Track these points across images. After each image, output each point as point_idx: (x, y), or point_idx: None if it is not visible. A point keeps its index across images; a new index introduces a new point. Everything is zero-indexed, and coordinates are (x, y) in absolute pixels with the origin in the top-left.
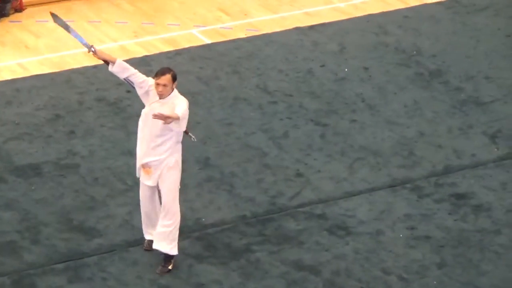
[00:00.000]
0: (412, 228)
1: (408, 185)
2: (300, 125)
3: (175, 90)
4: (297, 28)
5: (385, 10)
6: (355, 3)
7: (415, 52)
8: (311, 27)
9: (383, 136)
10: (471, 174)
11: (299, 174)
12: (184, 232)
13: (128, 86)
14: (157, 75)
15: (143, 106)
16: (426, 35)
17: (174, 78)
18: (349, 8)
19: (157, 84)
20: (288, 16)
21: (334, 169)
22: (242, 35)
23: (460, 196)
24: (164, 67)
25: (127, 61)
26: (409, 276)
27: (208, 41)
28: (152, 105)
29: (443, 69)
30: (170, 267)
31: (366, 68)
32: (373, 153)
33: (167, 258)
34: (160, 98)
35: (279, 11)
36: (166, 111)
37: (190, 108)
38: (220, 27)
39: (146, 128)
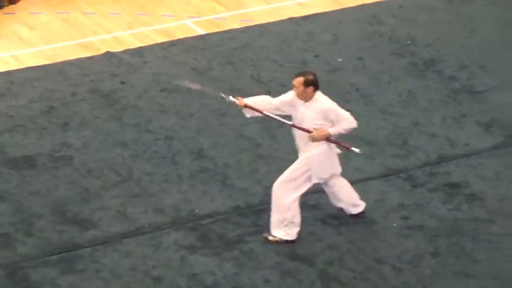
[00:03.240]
0: (406, 218)
1: (402, 175)
2: None
3: (320, 95)
4: (291, 19)
5: (379, 0)
6: None
7: (409, 41)
8: (305, 17)
9: (377, 126)
10: (465, 163)
11: None
12: (178, 223)
13: (122, 78)
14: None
15: (137, 97)
16: (421, 24)
17: (306, 83)
18: None
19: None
20: (282, 7)
21: None
22: (236, 25)
23: (453, 185)
24: (305, 70)
25: (121, 52)
26: (402, 265)
27: (202, 32)
28: (300, 108)
29: (437, 59)
30: None
31: (360, 58)
32: (367, 142)
33: None
34: (303, 101)
35: (273, 1)
36: (310, 115)
37: (184, 98)
38: (215, 18)
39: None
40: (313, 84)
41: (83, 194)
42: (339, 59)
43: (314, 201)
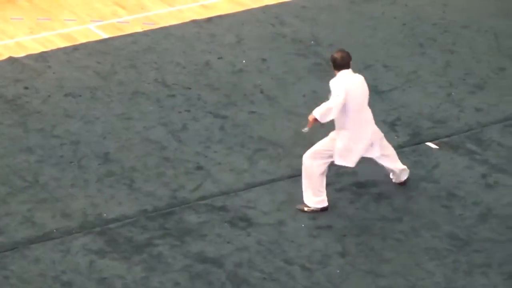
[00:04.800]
0: (314, 218)
1: None
2: (199, 117)
3: (340, 74)
4: (194, 21)
5: (281, 0)
6: None
7: (312, 42)
8: (208, 20)
9: (282, 127)
10: (372, 163)
11: (199, 167)
12: (86, 228)
13: (25, 83)
14: None
15: (41, 102)
16: (323, 24)
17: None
18: None
19: None
20: (185, 9)
21: (234, 161)
22: (139, 29)
23: (361, 185)
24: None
25: (24, 57)
26: (312, 265)
27: (105, 35)
28: None
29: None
30: None
31: (264, 59)
32: (273, 144)
33: None
34: None
35: (175, 4)
36: None
37: (89, 103)
38: (117, 22)
39: None
40: (332, 63)
41: None
42: (243, 61)
43: (222, 203)
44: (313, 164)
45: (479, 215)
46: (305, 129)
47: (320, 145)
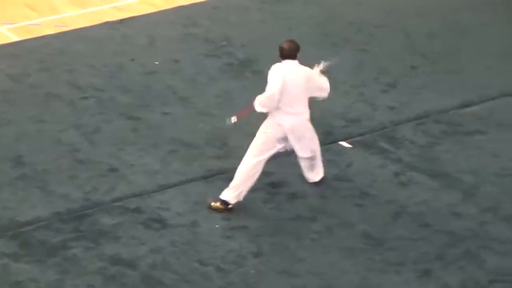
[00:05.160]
0: (228, 219)
1: (222, 176)
2: (112, 119)
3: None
4: (106, 23)
5: (193, 1)
6: None
7: (224, 42)
8: (121, 21)
9: (195, 128)
10: (286, 162)
11: (112, 169)
12: None
13: None
14: None
15: None
16: (235, 25)
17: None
18: (158, 0)
19: None
20: (97, 11)
21: (147, 162)
22: (51, 31)
23: (275, 185)
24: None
25: None
26: (226, 266)
27: (17, 38)
28: None
29: (254, 59)
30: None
31: (176, 60)
32: (186, 145)
33: None
34: None
35: (88, 6)
36: None
37: (1, 106)
38: (29, 24)
39: None
40: (280, 52)
41: None
42: (155, 62)
43: (135, 205)
44: (256, 162)
45: (392, 213)
46: (232, 119)
47: (258, 142)
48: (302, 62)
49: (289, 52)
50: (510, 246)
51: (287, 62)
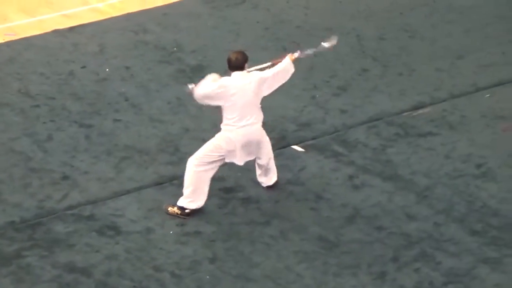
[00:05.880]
0: (182, 225)
1: (175, 182)
2: (64, 127)
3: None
4: (56, 31)
5: (143, 8)
6: (113, 2)
7: (175, 48)
8: (71, 29)
9: (148, 134)
10: (238, 168)
11: (65, 177)
12: None
13: None
14: None
15: None
16: (186, 31)
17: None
18: (107, 8)
19: None
20: (46, 19)
21: (101, 169)
22: (0, 40)
23: (228, 190)
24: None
25: None
26: (181, 272)
27: None
28: None
29: (205, 64)
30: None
31: (127, 67)
32: (138, 151)
33: None
34: None
35: (37, 14)
36: None
37: None
38: None
39: None
40: (227, 64)
41: None
42: (106, 69)
43: (89, 212)
44: (202, 171)
45: (346, 216)
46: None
47: (207, 149)
48: (252, 67)
49: (236, 64)
50: (464, 246)
51: (235, 74)
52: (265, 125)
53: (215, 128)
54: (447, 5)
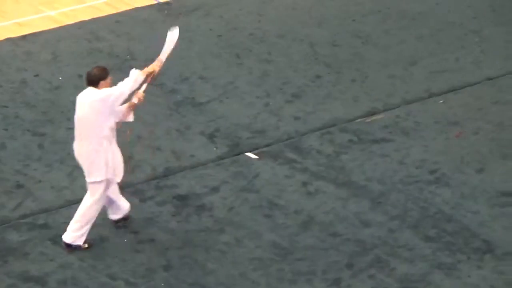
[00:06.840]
0: (136, 232)
1: (129, 189)
2: (17, 136)
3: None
4: (8, 39)
5: (96, 16)
6: (65, 11)
7: (128, 56)
8: (23, 37)
9: None
10: (192, 175)
11: (19, 185)
12: None
13: None
14: None
15: None
16: (139, 39)
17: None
18: (60, 16)
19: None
20: None
21: (54, 178)
22: None
23: (182, 198)
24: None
25: None
26: (136, 280)
27: None
28: None
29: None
30: None
31: (80, 76)
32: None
33: None
34: None
35: None
36: None
37: None
38: None
39: None
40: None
41: None
42: (59, 78)
43: (43, 221)
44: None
45: (301, 223)
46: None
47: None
48: (205, 75)
49: (89, 78)
50: (417, 252)
51: (87, 89)
52: (219, 132)
53: (169, 135)
54: (399, 12)
